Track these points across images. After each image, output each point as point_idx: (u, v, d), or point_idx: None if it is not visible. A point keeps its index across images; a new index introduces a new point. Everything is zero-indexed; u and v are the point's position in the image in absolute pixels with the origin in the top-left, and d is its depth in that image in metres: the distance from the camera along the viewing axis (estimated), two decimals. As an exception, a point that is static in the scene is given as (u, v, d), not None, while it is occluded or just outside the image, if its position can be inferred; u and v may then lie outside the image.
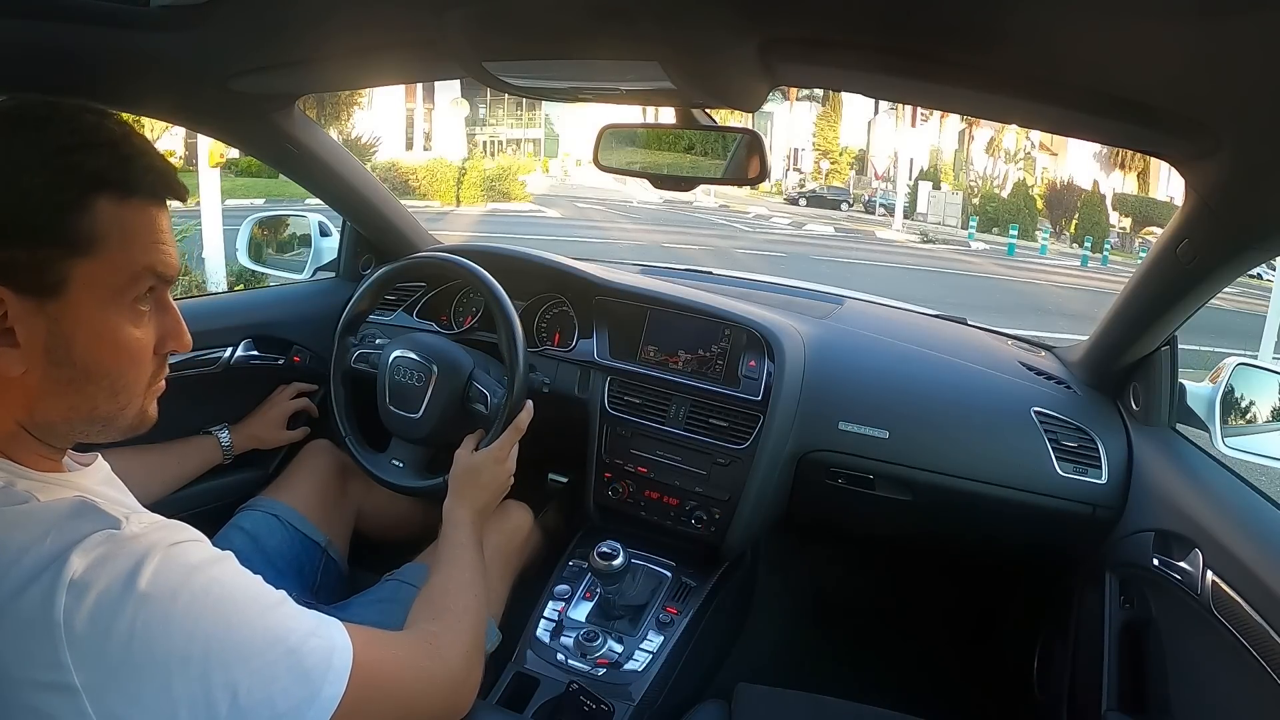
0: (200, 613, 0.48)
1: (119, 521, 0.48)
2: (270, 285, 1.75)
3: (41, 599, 0.44)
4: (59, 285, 0.49)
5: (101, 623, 0.44)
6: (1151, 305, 1.00)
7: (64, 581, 0.44)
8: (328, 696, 0.51)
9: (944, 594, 1.62)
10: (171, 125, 1.16)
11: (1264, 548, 0.83)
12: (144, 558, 0.47)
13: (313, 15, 0.75)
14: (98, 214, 0.50)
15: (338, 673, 0.53)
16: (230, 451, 1.25)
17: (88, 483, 0.56)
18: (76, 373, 0.51)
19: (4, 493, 0.49)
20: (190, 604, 0.48)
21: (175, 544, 0.50)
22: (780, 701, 1.00)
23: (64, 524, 0.47)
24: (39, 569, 0.45)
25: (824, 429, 1.21)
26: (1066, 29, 0.52)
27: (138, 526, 0.49)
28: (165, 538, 0.50)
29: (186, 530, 0.53)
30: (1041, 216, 24.11)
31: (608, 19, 0.59)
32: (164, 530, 0.51)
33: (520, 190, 17.35)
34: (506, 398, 1.13)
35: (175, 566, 0.48)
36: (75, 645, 0.44)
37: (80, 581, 0.44)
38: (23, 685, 0.44)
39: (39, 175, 0.48)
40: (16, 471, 0.51)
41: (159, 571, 0.47)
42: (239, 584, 0.52)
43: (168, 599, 0.47)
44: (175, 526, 0.52)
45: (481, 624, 0.80)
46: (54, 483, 0.53)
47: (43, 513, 0.48)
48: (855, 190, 29.72)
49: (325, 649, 0.53)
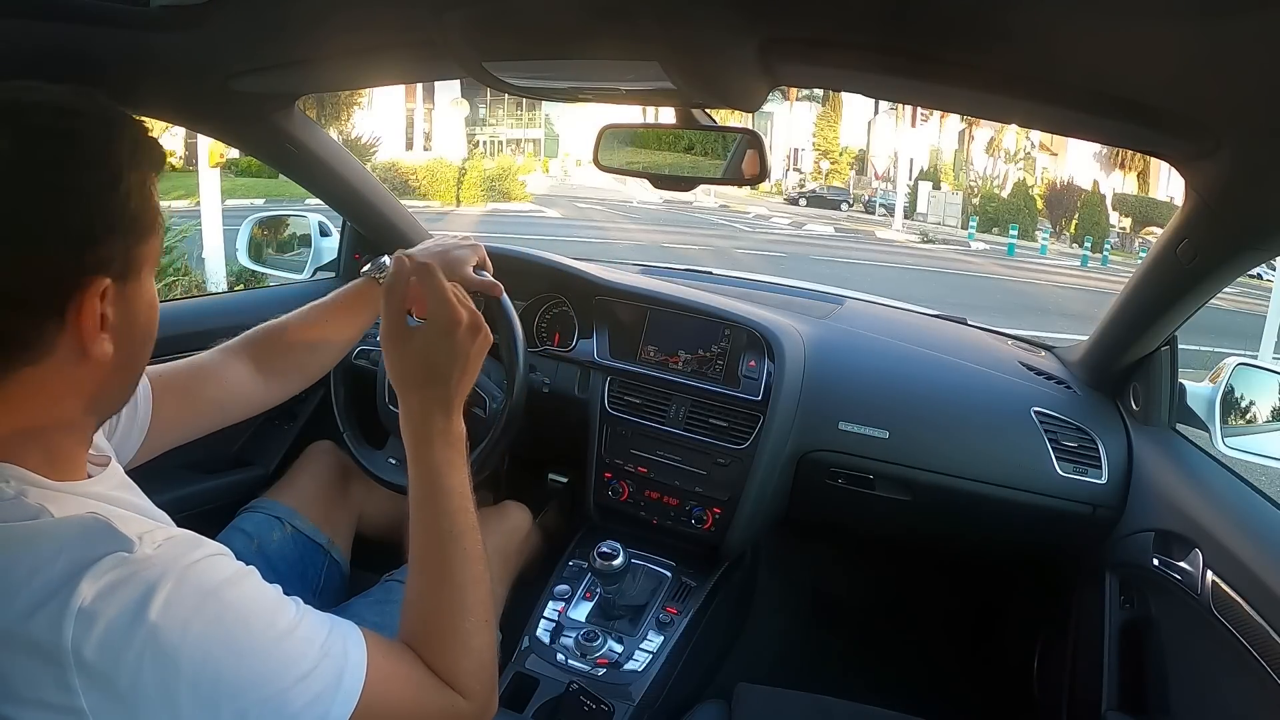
0: (212, 643, 0.47)
1: (132, 543, 0.47)
2: (270, 285, 1.75)
3: (50, 625, 0.43)
4: (138, 268, 0.53)
5: (111, 652, 0.44)
6: (1151, 305, 1.00)
7: (73, 609, 0.43)
8: (336, 717, 0.51)
9: (944, 594, 1.62)
10: (171, 125, 1.16)
11: (1264, 548, 0.83)
12: (156, 584, 0.46)
13: (313, 15, 0.75)
14: (148, 196, 0.53)
15: (348, 692, 0.52)
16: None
17: (102, 489, 0.55)
18: (135, 345, 0.55)
19: (15, 505, 0.48)
20: (202, 634, 0.47)
21: (191, 564, 0.49)
22: (780, 701, 1.00)
23: (75, 545, 0.46)
24: (48, 594, 0.44)
25: (824, 429, 1.21)
26: (1067, 29, 0.52)
27: (150, 547, 0.48)
28: (181, 558, 0.48)
29: (202, 546, 0.51)
30: (1041, 216, 24.10)
31: (608, 19, 0.59)
32: (180, 547, 0.49)
33: (520, 190, 17.36)
34: (506, 399, 1.13)
35: (188, 592, 0.47)
36: (84, 672, 0.43)
37: (89, 610, 0.44)
38: (30, 705, 0.44)
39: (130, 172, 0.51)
40: (29, 480, 0.50)
41: (171, 599, 0.46)
42: (254, 608, 0.51)
43: (179, 629, 0.46)
44: (192, 542, 0.51)
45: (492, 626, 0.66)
46: (68, 492, 0.52)
47: (54, 531, 0.47)
48: (855, 190, 29.71)
49: (336, 670, 0.52)
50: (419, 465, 0.65)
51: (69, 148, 0.48)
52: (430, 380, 0.66)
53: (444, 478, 0.65)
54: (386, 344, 0.68)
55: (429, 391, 0.66)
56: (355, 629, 0.56)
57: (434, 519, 0.64)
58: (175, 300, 1.65)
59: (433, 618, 0.62)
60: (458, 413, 0.67)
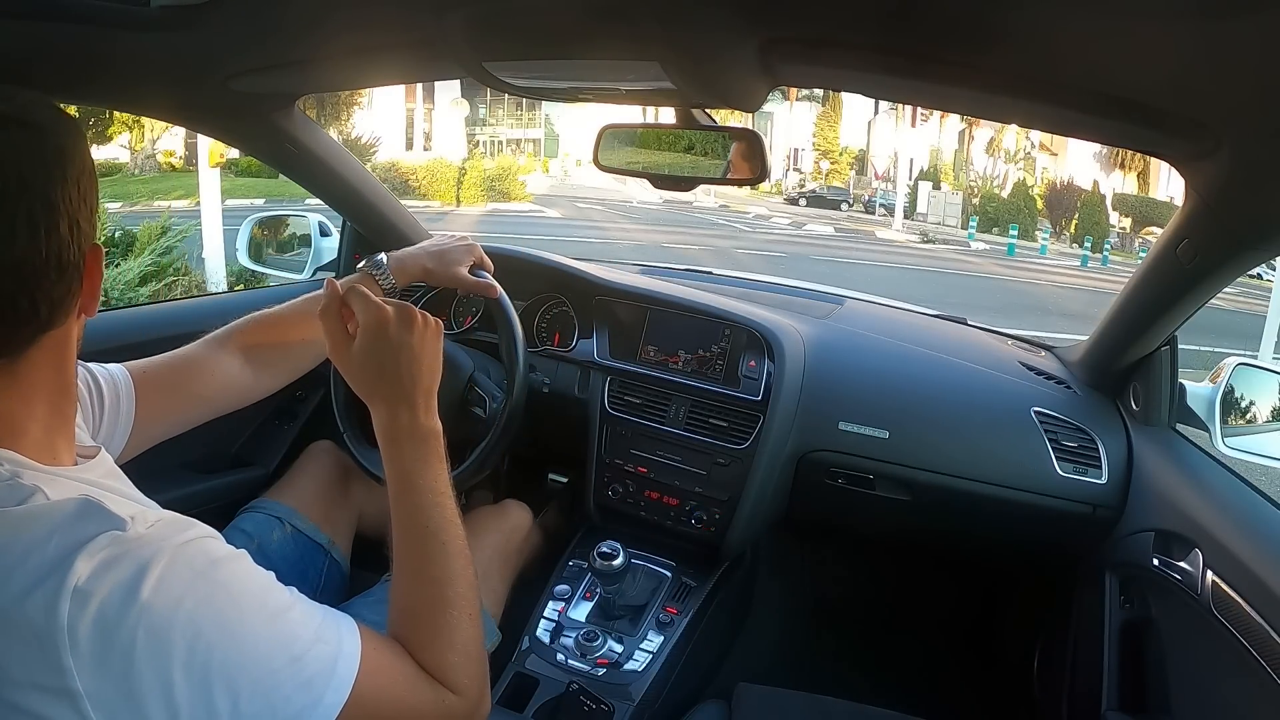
0: (204, 621, 0.47)
1: (125, 522, 0.48)
2: (270, 285, 1.75)
3: (45, 605, 0.44)
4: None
5: (105, 631, 0.44)
6: (1151, 305, 1.00)
7: (68, 588, 0.44)
8: (329, 704, 0.51)
9: (944, 594, 1.62)
10: (171, 125, 1.15)
11: (1264, 548, 0.83)
12: (149, 562, 0.46)
13: (312, 15, 0.75)
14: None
15: (342, 679, 0.52)
16: (394, 290, 0.95)
17: (92, 476, 0.56)
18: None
19: (10, 488, 0.49)
20: (194, 612, 0.47)
21: (183, 544, 0.49)
22: (780, 701, 1.00)
23: (69, 525, 0.47)
24: (44, 574, 0.44)
25: (824, 429, 1.21)
26: (1067, 29, 0.52)
27: (143, 526, 0.48)
28: (173, 537, 0.49)
29: (195, 527, 0.52)
30: (1041, 216, 24.09)
31: (608, 19, 0.59)
32: (171, 528, 0.50)
33: (520, 190, 17.37)
34: (506, 399, 1.13)
35: (181, 570, 0.48)
36: (78, 652, 0.44)
37: (84, 589, 0.44)
38: (24, 687, 0.44)
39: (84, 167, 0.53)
40: (22, 464, 0.51)
41: (163, 577, 0.46)
42: (246, 587, 0.51)
43: (171, 607, 0.46)
44: (183, 523, 0.51)
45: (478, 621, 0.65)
46: (60, 476, 0.52)
47: (48, 512, 0.48)
48: (855, 190, 29.70)
49: (330, 656, 0.53)
50: (391, 465, 0.66)
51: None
52: (381, 379, 0.67)
53: (416, 476, 0.65)
54: (336, 361, 0.70)
55: (385, 391, 0.67)
56: (349, 620, 0.57)
57: (410, 516, 0.64)
58: (175, 300, 1.65)
59: (417, 614, 0.62)
60: (425, 409, 0.68)
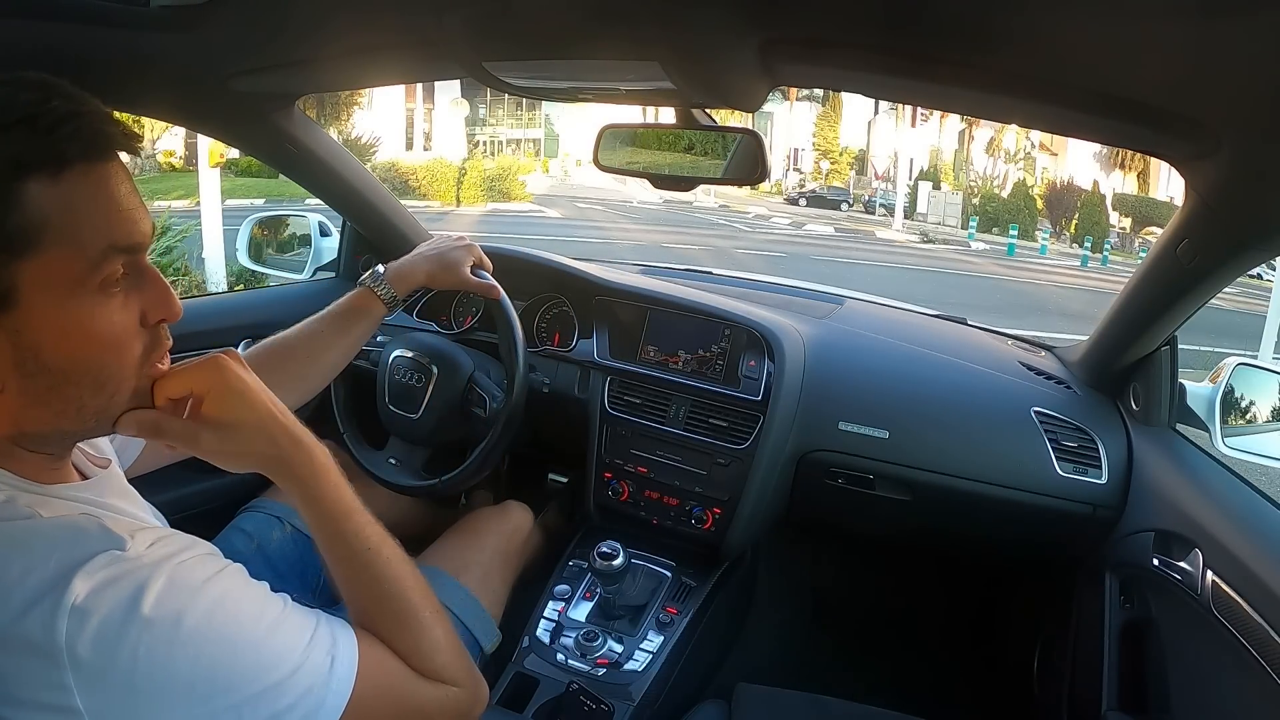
0: (204, 638, 0.47)
1: (124, 541, 0.47)
2: (270, 285, 1.75)
3: (44, 624, 0.43)
4: (8, 295, 0.45)
5: (105, 649, 0.44)
6: (1151, 305, 1.00)
7: (66, 607, 0.44)
8: (331, 707, 0.51)
9: (944, 594, 1.62)
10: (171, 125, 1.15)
11: (1264, 548, 0.83)
12: (148, 580, 0.46)
13: (313, 15, 0.75)
14: (28, 204, 0.44)
15: (341, 682, 0.53)
16: (395, 302, 0.95)
17: (92, 494, 0.55)
18: (54, 378, 0.48)
19: (6, 508, 0.48)
20: (195, 629, 0.47)
21: (181, 561, 0.49)
22: (780, 701, 1.00)
23: (67, 544, 0.46)
24: (41, 593, 0.44)
25: (824, 429, 1.21)
26: (1066, 29, 0.52)
27: (142, 545, 0.48)
28: (170, 554, 0.49)
29: (194, 545, 0.52)
30: (1041, 216, 24.09)
31: (608, 19, 0.59)
32: (169, 545, 0.50)
33: (520, 190, 17.35)
34: (506, 399, 1.13)
35: (180, 587, 0.47)
36: (79, 670, 0.43)
37: (82, 608, 0.44)
38: (26, 706, 0.44)
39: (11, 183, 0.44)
40: (18, 485, 0.50)
41: (163, 595, 0.46)
42: (244, 602, 0.51)
43: (171, 624, 0.46)
44: (182, 540, 0.51)
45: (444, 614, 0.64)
46: (58, 495, 0.52)
47: (45, 531, 0.47)
48: (855, 190, 29.68)
49: (328, 661, 0.53)
50: (305, 509, 0.60)
51: None
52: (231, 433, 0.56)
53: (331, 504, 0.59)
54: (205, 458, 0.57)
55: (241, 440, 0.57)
56: (343, 623, 0.57)
57: (349, 544, 0.60)
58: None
59: (391, 631, 0.59)
60: (295, 436, 0.59)
